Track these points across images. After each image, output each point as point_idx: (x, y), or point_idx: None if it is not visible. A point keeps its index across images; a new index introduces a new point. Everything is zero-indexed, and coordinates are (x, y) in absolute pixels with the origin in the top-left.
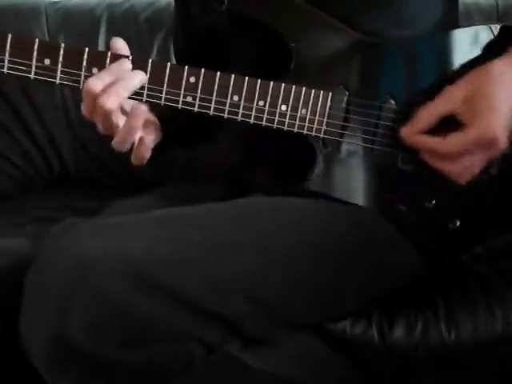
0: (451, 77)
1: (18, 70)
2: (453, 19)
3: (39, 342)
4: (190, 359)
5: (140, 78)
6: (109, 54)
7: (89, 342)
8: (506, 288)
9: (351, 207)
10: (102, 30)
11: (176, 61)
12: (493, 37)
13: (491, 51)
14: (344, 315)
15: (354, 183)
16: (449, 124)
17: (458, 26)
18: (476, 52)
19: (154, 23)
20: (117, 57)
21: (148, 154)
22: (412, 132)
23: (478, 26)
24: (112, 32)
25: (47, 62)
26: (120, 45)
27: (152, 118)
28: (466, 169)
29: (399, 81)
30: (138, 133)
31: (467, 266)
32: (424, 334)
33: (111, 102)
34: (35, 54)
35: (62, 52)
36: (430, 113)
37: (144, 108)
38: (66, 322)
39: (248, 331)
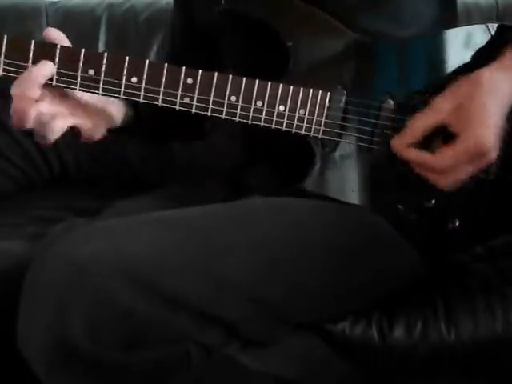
0: (449, 77)
1: (14, 72)
2: (451, 18)
3: (38, 345)
4: (189, 361)
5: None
6: (105, 54)
7: (89, 344)
8: (506, 288)
9: (350, 207)
10: (102, 29)
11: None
12: (490, 36)
13: (489, 50)
14: (344, 315)
15: (352, 183)
16: (442, 133)
17: (457, 25)
18: (474, 51)
19: (153, 23)
20: (113, 58)
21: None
22: (402, 145)
23: (476, 25)
24: (112, 32)
25: None
26: (56, 35)
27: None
28: (456, 180)
29: (398, 81)
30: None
31: (467, 265)
32: (424, 334)
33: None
34: (31, 55)
35: (58, 53)
36: (419, 125)
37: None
38: (65, 325)
39: (247, 332)
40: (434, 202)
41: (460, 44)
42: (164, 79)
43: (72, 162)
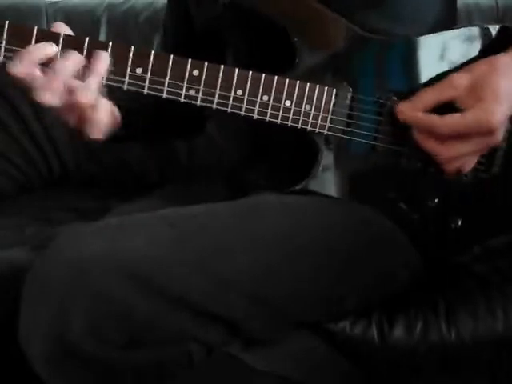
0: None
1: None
2: (452, 18)
3: (39, 343)
4: (190, 360)
5: (103, 60)
6: (110, 43)
7: (89, 344)
8: (506, 288)
9: (353, 205)
10: (102, 29)
11: None
12: (492, 37)
13: (491, 51)
14: (344, 314)
15: (356, 181)
16: (448, 112)
17: (458, 26)
18: (475, 52)
19: (154, 23)
20: (118, 48)
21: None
22: (410, 108)
23: (478, 27)
24: (112, 32)
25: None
26: (64, 30)
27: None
28: (456, 156)
29: (403, 78)
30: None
31: (468, 266)
32: (424, 334)
33: (88, 98)
34: (33, 41)
35: (61, 41)
36: (431, 95)
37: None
38: (66, 323)
39: (248, 331)
40: (437, 201)
41: (462, 44)
42: (169, 70)
43: (72, 163)
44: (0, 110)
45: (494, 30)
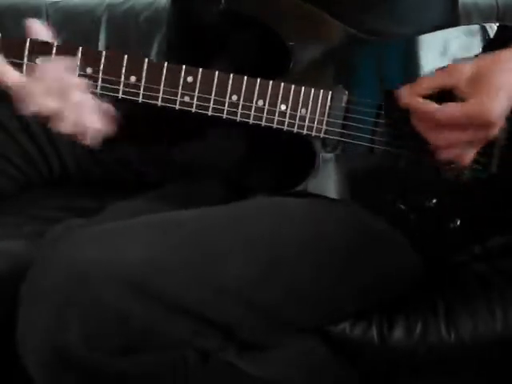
0: None
1: None
2: (454, 18)
3: (35, 348)
4: (186, 367)
5: None
6: (104, 53)
7: (85, 350)
8: (506, 288)
9: (351, 208)
10: (102, 29)
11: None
12: (491, 36)
13: (490, 50)
14: (344, 317)
15: (354, 182)
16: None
17: (459, 25)
18: (474, 51)
19: (153, 23)
20: (112, 56)
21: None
22: (409, 93)
23: (477, 25)
24: (112, 32)
25: (39, 61)
26: (38, 28)
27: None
28: (452, 145)
29: (399, 79)
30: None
31: (467, 265)
32: (424, 335)
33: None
34: (26, 53)
35: (54, 51)
36: (432, 81)
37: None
38: (63, 330)
39: (246, 337)
40: (435, 201)
41: (461, 43)
42: (164, 78)
43: (72, 162)
44: (0, 111)
45: (491, 28)
